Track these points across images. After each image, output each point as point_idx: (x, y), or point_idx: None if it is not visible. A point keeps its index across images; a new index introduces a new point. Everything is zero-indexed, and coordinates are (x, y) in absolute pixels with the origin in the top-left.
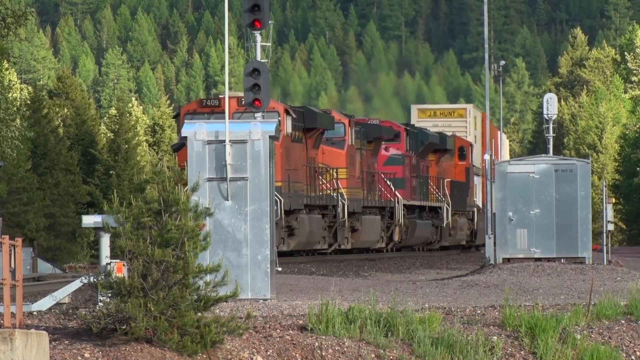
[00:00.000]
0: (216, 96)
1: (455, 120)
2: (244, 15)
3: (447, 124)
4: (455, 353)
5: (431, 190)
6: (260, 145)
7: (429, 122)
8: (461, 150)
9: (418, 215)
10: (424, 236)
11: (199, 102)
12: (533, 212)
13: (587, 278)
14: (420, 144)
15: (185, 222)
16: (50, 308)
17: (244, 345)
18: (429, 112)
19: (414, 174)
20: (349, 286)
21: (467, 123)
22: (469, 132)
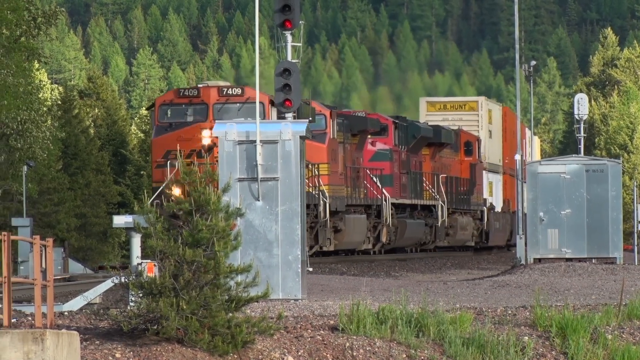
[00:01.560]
0: (195, 86)
1: (466, 113)
2: (275, 15)
3: (457, 118)
4: (486, 353)
5: (425, 187)
6: (291, 146)
7: (438, 115)
8: (467, 145)
9: (409, 215)
10: (416, 237)
11: (176, 92)
12: (564, 213)
13: (618, 278)
14: (411, 137)
15: (216, 222)
16: (82, 308)
17: (275, 345)
18: (439, 105)
19: (404, 170)
20: (379, 286)
21: (479, 117)
22: (480, 126)
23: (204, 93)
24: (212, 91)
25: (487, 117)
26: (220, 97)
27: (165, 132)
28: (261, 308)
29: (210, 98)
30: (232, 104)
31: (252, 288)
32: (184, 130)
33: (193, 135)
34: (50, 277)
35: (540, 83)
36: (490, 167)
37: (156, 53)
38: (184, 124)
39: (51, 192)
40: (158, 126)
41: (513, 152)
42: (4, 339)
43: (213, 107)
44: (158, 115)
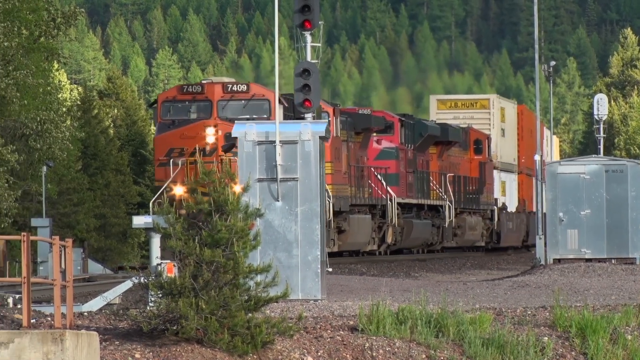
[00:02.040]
0: (198, 82)
1: (477, 111)
2: (294, 16)
3: (469, 116)
4: (506, 353)
5: (432, 187)
6: (310, 146)
7: (449, 113)
8: (477, 143)
9: (415, 215)
10: (422, 237)
11: (179, 89)
12: (583, 213)
13: (637, 279)
14: (418, 136)
15: (235, 223)
16: (101, 309)
17: (295, 345)
18: (450, 103)
19: (410, 169)
20: (399, 287)
21: (490, 114)
22: (492, 124)
23: (208, 89)
24: (217, 87)
25: (499, 115)
26: (225, 93)
27: (168, 129)
28: (281, 308)
29: (215, 94)
30: (237, 100)
31: (271, 288)
32: (187, 128)
33: (197, 133)
34: (70, 278)
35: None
36: (503, 167)
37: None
38: (188, 121)
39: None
40: (161, 123)
41: (530, 151)
42: (24, 339)
43: (217, 104)
44: (161, 112)
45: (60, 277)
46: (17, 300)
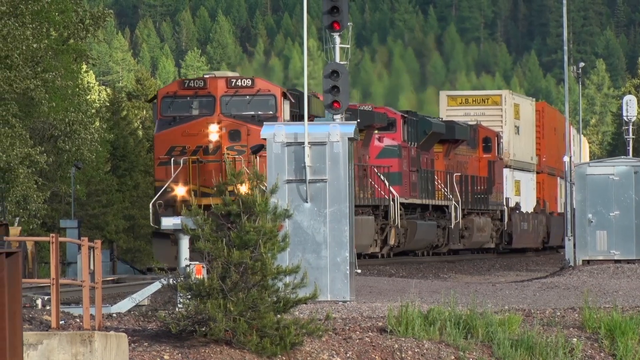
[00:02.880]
0: (201, 77)
1: (489, 108)
2: (323, 17)
3: (480, 113)
4: (535, 355)
5: (437, 186)
6: (339, 147)
7: (460, 110)
8: (486, 141)
9: (420, 215)
10: (427, 239)
11: (180, 83)
12: (613, 214)
13: None
14: (422, 133)
15: (263, 224)
16: (130, 310)
17: (324, 347)
18: (460, 100)
19: (414, 167)
20: (428, 288)
21: (502, 111)
22: (504, 121)
23: (211, 84)
24: (220, 82)
25: (512, 112)
26: (229, 88)
27: (168, 126)
28: (309, 310)
29: (218, 89)
30: (242, 96)
31: (300, 289)
32: (189, 125)
33: (199, 130)
34: (99, 279)
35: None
36: (517, 165)
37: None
38: (189, 117)
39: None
40: (161, 120)
41: (553, 150)
42: (52, 340)
43: (221, 100)
44: (161, 108)
45: (89, 279)
46: (46, 302)
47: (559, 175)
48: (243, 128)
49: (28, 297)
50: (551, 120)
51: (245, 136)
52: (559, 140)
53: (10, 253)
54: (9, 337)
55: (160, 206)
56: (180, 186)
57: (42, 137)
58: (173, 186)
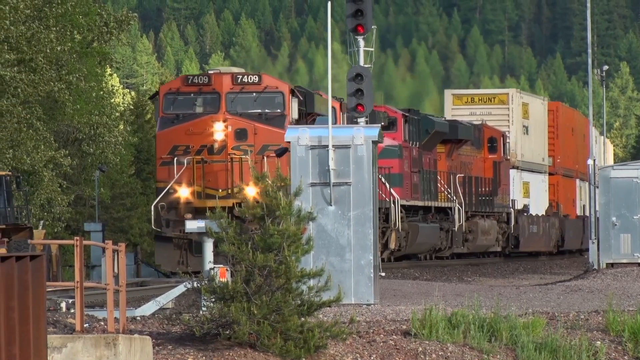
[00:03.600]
0: (205, 72)
1: (495, 107)
2: (347, 20)
3: (486, 112)
4: (558, 358)
5: (440, 188)
6: (363, 150)
7: (465, 109)
8: (491, 141)
9: (422, 218)
10: (430, 242)
11: (184, 79)
12: (637, 217)
13: None
14: (424, 133)
15: (287, 227)
16: (154, 313)
17: (348, 350)
18: (466, 99)
19: (415, 168)
20: (452, 291)
21: (509, 110)
22: (511, 120)
23: (216, 80)
24: (225, 78)
25: (520, 111)
26: (234, 85)
27: (171, 124)
28: (333, 313)
29: (223, 86)
30: (248, 93)
31: (324, 292)
32: (193, 123)
33: (204, 128)
34: (123, 282)
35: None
36: (526, 166)
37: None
38: (193, 115)
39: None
40: (163, 118)
41: (570, 151)
42: (77, 343)
43: (226, 97)
44: (163, 105)
45: (113, 282)
46: (70, 305)
47: (578, 177)
48: (250, 127)
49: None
50: (567, 120)
51: (252, 135)
52: (577, 141)
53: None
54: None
55: (163, 208)
56: (184, 187)
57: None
58: (176, 187)
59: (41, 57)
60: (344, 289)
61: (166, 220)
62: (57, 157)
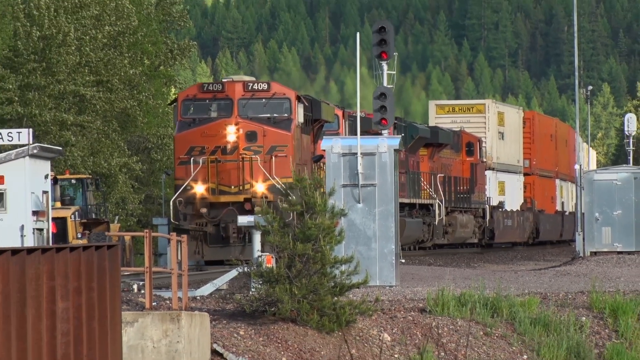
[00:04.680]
0: (219, 80)
1: (473, 115)
2: (373, 48)
3: (465, 120)
4: (550, 331)
5: (423, 186)
6: (386, 157)
7: (447, 118)
8: (469, 145)
9: (408, 213)
10: (414, 235)
11: (200, 87)
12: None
13: None
14: (409, 138)
15: (322, 221)
16: (211, 293)
17: (373, 324)
18: (447, 108)
19: (402, 169)
20: (461, 275)
21: (486, 119)
22: (488, 127)
23: (229, 88)
24: (237, 86)
25: (496, 119)
26: (246, 92)
27: (188, 127)
28: (361, 293)
29: (235, 93)
30: (258, 99)
31: (353, 276)
32: (208, 126)
33: (217, 131)
34: (185, 267)
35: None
36: (501, 167)
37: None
38: (208, 119)
39: None
40: (181, 122)
41: (547, 154)
42: (146, 319)
43: (238, 103)
44: (181, 110)
45: (177, 267)
46: (141, 287)
47: (558, 178)
48: (259, 129)
49: (126, 283)
50: (544, 128)
51: (261, 137)
52: (559, 146)
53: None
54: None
55: (180, 203)
56: (200, 184)
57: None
58: (192, 184)
59: (116, 79)
60: (370, 273)
61: (183, 214)
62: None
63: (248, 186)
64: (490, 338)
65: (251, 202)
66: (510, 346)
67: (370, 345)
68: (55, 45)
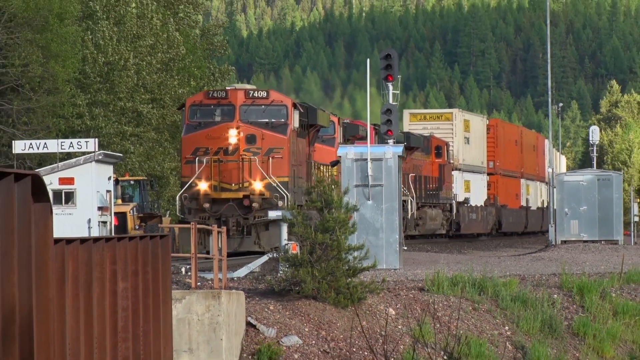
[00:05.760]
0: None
1: (442, 123)
2: (381, 72)
3: (435, 127)
4: (527, 306)
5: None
6: (391, 162)
7: (419, 125)
8: (437, 149)
9: None
10: None
11: (205, 94)
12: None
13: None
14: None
15: (339, 215)
16: (246, 275)
17: (380, 301)
18: (420, 116)
19: None
20: (453, 260)
21: (453, 125)
22: (455, 133)
23: (232, 95)
24: (239, 93)
25: (462, 126)
26: (247, 99)
27: (194, 130)
28: (371, 275)
29: (238, 99)
30: (258, 105)
31: (364, 261)
32: (212, 129)
33: (221, 134)
34: (224, 253)
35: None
36: (467, 168)
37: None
38: (212, 123)
39: None
40: (188, 125)
41: (511, 157)
42: (192, 296)
43: (240, 108)
44: (188, 114)
45: (217, 253)
46: (188, 270)
47: (523, 177)
48: (258, 133)
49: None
50: (508, 134)
51: (260, 140)
52: (525, 150)
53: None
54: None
55: (185, 198)
56: (203, 182)
57: None
58: (197, 182)
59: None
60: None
61: (188, 209)
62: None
63: (247, 184)
64: (477, 312)
65: (249, 198)
66: (494, 319)
67: (377, 318)
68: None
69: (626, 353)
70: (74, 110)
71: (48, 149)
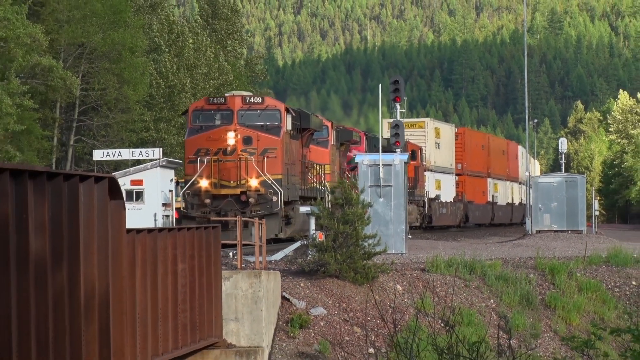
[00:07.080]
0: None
1: (416, 130)
2: (390, 94)
3: (410, 134)
4: (508, 284)
5: None
6: (399, 167)
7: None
8: (412, 153)
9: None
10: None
11: (206, 100)
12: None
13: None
14: (373, 147)
15: (357, 210)
16: (281, 258)
17: (390, 279)
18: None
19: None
20: (449, 246)
21: (425, 133)
22: (427, 139)
23: (230, 101)
24: (237, 99)
25: (433, 133)
26: (244, 104)
27: (196, 133)
28: (382, 258)
29: (235, 105)
30: (254, 110)
31: (377, 247)
32: (212, 132)
33: (220, 136)
34: (264, 241)
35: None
36: (438, 169)
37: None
38: (213, 126)
39: None
40: (190, 128)
41: (477, 160)
42: (238, 275)
43: (237, 113)
44: (191, 119)
45: (258, 241)
46: (235, 254)
47: (490, 177)
48: (254, 135)
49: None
50: (475, 140)
51: (255, 141)
52: (492, 154)
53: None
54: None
55: (188, 195)
56: (204, 179)
57: None
58: (198, 179)
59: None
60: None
61: (191, 204)
62: None
63: (244, 181)
64: (468, 289)
65: (246, 194)
66: (482, 294)
67: (387, 293)
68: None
69: (588, 321)
70: (142, 125)
71: (122, 156)
